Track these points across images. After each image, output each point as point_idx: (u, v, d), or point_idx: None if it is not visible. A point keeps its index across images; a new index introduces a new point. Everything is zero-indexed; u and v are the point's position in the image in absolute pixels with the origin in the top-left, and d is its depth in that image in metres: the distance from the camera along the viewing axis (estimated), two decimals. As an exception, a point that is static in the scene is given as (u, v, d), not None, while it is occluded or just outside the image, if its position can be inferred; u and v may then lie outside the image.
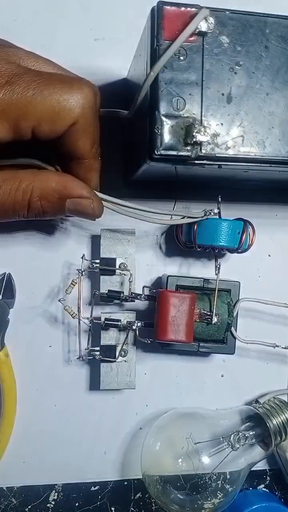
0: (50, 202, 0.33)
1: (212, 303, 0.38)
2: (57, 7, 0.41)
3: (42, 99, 0.29)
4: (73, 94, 0.30)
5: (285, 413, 0.40)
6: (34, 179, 0.33)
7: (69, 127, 0.30)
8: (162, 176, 0.35)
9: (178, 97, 0.29)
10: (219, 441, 0.39)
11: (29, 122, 0.29)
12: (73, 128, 0.30)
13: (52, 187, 0.33)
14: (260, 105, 0.30)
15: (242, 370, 0.45)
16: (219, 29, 0.29)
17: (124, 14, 0.41)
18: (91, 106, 0.31)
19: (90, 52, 0.41)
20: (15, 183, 0.32)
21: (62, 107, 0.30)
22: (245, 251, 0.40)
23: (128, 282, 0.38)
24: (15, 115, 0.29)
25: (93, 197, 0.34)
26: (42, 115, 0.29)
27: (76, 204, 0.33)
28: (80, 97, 0.30)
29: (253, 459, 0.40)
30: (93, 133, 0.32)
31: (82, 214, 0.34)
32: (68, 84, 0.30)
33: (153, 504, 0.44)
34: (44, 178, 0.33)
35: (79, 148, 0.32)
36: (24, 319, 0.41)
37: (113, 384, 0.39)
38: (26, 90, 0.29)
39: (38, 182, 0.32)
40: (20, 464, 0.41)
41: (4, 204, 0.32)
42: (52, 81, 0.30)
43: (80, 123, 0.30)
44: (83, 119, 0.30)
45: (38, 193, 0.32)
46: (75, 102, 0.30)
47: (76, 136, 0.31)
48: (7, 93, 0.29)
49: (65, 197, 0.33)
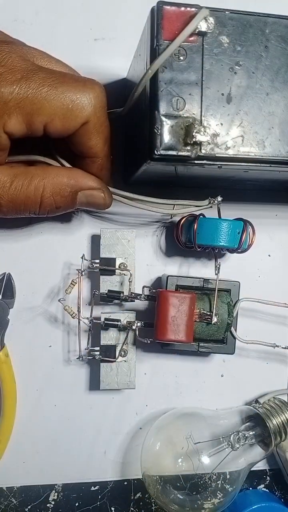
0: (63, 197, 0.34)
1: (212, 303, 0.38)
2: (57, 7, 0.41)
3: (57, 96, 0.30)
4: (86, 93, 0.31)
5: (285, 413, 0.40)
6: (45, 174, 0.33)
7: (81, 125, 0.31)
8: (162, 176, 0.35)
9: (178, 97, 0.29)
10: (219, 441, 0.39)
11: (42, 118, 0.30)
12: (85, 127, 0.31)
13: (64, 182, 0.33)
14: (260, 105, 0.30)
15: (242, 370, 0.45)
16: (219, 29, 0.29)
17: (124, 14, 0.41)
18: (102, 106, 0.32)
19: (90, 52, 0.41)
20: (26, 179, 0.33)
21: (75, 105, 0.30)
22: (245, 251, 0.40)
23: (128, 282, 0.38)
24: (30, 110, 0.30)
25: (103, 187, 0.35)
26: (56, 112, 0.30)
27: (88, 196, 0.34)
28: (92, 97, 0.31)
29: (253, 459, 0.40)
30: (104, 132, 0.33)
31: (94, 205, 0.35)
32: (81, 83, 0.31)
33: (153, 504, 0.44)
34: (55, 173, 0.33)
35: (91, 147, 0.33)
36: (24, 319, 0.41)
37: (113, 384, 0.39)
38: (41, 86, 0.30)
39: (50, 178, 0.33)
40: (20, 464, 0.41)
41: (16, 200, 0.33)
42: (66, 80, 0.31)
43: (92, 122, 0.31)
44: (95, 118, 0.31)
45: (50, 188, 0.33)
46: (88, 101, 0.31)
47: (88, 135, 0.32)
48: (23, 88, 0.29)
49: (77, 190, 0.34)
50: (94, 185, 0.35)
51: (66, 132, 0.31)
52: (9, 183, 0.32)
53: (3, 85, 0.29)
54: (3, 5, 0.40)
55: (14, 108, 0.29)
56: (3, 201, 0.33)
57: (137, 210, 0.41)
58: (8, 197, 0.33)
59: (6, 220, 0.40)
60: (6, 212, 0.34)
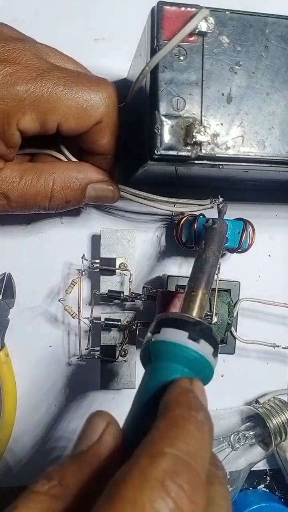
0: (73, 190, 0.34)
1: (212, 303, 0.38)
2: (57, 7, 0.41)
3: (72, 95, 0.30)
4: (100, 93, 0.31)
5: (285, 413, 0.40)
6: (54, 169, 0.33)
7: (94, 124, 0.31)
8: (162, 176, 0.35)
9: (178, 97, 0.29)
10: (219, 441, 0.39)
11: (57, 117, 0.30)
12: (98, 126, 0.32)
13: (73, 175, 0.34)
14: (260, 105, 0.30)
15: (242, 370, 0.45)
16: (219, 29, 0.29)
17: (124, 14, 0.41)
18: (115, 105, 0.32)
19: (90, 52, 0.41)
20: (36, 173, 0.33)
21: (89, 104, 0.31)
22: (245, 251, 0.40)
23: (128, 282, 0.38)
24: (44, 109, 0.30)
25: (111, 180, 0.36)
26: (70, 111, 0.30)
27: (98, 189, 0.35)
28: (106, 96, 0.31)
29: (253, 459, 0.40)
30: (116, 131, 0.33)
31: (102, 198, 0.36)
32: (95, 83, 0.31)
33: (153, 504, 0.44)
34: (64, 167, 0.34)
35: (103, 145, 0.33)
36: (24, 319, 0.41)
37: (113, 384, 0.39)
38: (57, 86, 0.30)
39: (59, 172, 0.33)
40: (20, 464, 0.41)
41: (26, 194, 0.33)
42: (80, 79, 0.31)
43: (106, 121, 0.32)
44: (108, 118, 0.32)
45: (60, 182, 0.33)
46: (102, 101, 0.31)
47: (101, 134, 0.32)
48: (38, 87, 0.29)
49: (86, 183, 0.34)
50: (103, 178, 0.35)
51: (79, 131, 0.32)
52: (19, 178, 0.33)
53: (18, 83, 0.29)
54: (3, 5, 0.40)
55: (28, 107, 0.29)
56: (13, 196, 0.33)
57: (138, 210, 0.41)
58: (18, 192, 0.33)
59: (6, 220, 0.40)
60: (16, 207, 0.34)
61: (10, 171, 0.32)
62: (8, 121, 0.30)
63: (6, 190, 0.32)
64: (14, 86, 0.29)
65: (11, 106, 0.29)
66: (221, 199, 0.38)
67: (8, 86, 0.29)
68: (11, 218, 0.40)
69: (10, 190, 0.32)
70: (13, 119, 0.29)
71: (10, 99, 0.29)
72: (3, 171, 0.32)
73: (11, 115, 0.29)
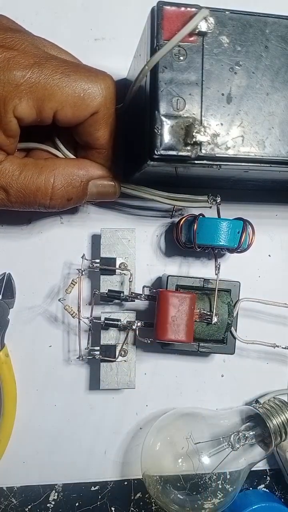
0: (74, 187, 0.34)
1: (212, 303, 0.38)
2: (57, 7, 0.41)
3: (69, 83, 0.30)
4: (98, 83, 0.31)
5: (285, 413, 0.40)
6: (55, 165, 0.33)
7: (91, 115, 0.31)
8: (162, 176, 0.35)
9: (178, 97, 0.29)
10: (219, 441, 0.39)
11: (53, 104, 0.30)
12: (94, 117, 0.32)
13: (74, 172, 0.34)
14: (260, 105, 0.30)
15: (242, 370, 0.45)
16: (219, 29, 0.29)
17: (124, 14, 0.41)
18: (112, 98, 0.32)
19: (90, 52, 0.41)
20: (36, 169, 0.33)
21: (87, 94, 0.31)
22: (245, 250, 0.40)
23: (128, 282, 0.38)
24: (41, 96, 0.30)
25: (112, 175, 0.35)
26: (67, 99, 0.30)
27: (99, 185, 0.35)
28: (104, 87, 0.31)
29: (253, 459, 0.40)
30: (112, 124, 0.33)
31: (104, 194, 0.36)
32: (93, 73, 0.31)
33: (153, 504, 0.44)
34: (65, 164, 0.34)
35: (98, 138, 0.33)
36: (24, 319, 0.41)
37: (113, 384, 0.39)
38: (54, 73, 0.30)
39: (60, 168, 0.33)
40: (20, 464, 0.41)
41: (26, 189, 0.32)
42: (79, 69, 0.31)
43: (102, 113, 0.32)
44: (104, 109, 0.32)
45: (61, 178, 0.33)
46: (99, 92, 0.31)
47: (96, 125, 0.32)
48: (35, 73, 0.29)
49: (88, 179, 0.34)
50: (104, 173, 0.35)
51: (76, 121, 0.31)
52: (18, 172, 0.32)
53: (15, 68, 0.29)
54: (3, 5, 0.40)
55: (25, 92, 0.29)
56: (12, 190, 0.32)
57: (138, 210, 0.41)
58: (18, 186, 0.32)
59: (6, 219, 0.40)
60: (14, 202, 0.33)
61: (10, 164, 0.32)
62: (5, 107, 0.29)
63: (5, 184, 0.32)
64: (11, 71, 0.29)
65: (7, 91, 0.29)
66: (219, 199, 0.38)
67: (5, 70, 0.29)
68: (11, 217, 0.40)
69: (9, 184, 0.32)
70: (9, 105, 0.29)
71: (6, 84, 0.29)
72: (3, 164, 0.32)
73: (7, 100, 0.29)
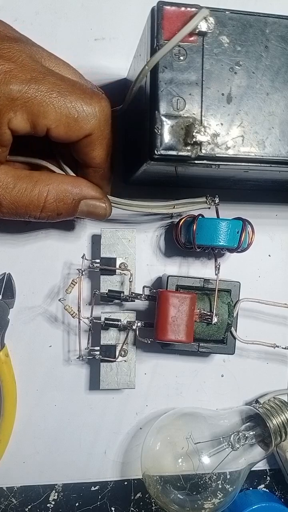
0: (66, 204, 0.34)
1: (212, 303, 0.38)
2: (57, 7, 0.41)
3: (64, 104, 0.30)
4: (92, 106, 0.31)
5: (285, 413, 0.40)
6: (50, 180, 0.33)
7: (85, 136, 0.31)
8: (162, 176, 0.35)
9: (178, 97, 0.29)
10: (219, 441, 0.39)
11: (47, 122, 0.30)
12: (88, 138, 0.32)
13: (68, 189, 0.34)
14: (260, 105, 0.30)
15: (242, 370, 0.45)
16: (219, 29, 0.29)
17: (124, 14, 0.41)
18: (107, 120, 0.32)
19: (90, 52, 0.41)
20: (31, 182, 0.33)
21: (81, 116, 0.31)
22: (245, 250, 0.40)
23: (128, 282, 0.38)
24: (36, 111, 0.30)
25: (105, 197, 0.36)
26: (61, 119, 0.30)
27: (90, 205, 0.35)
28: (98, 110, 0.31)
29: (253, 459, 0.40)
30: (107, 145, 0.33)
31: (94, 215, 0.36)
32: (89, 95, 0.31)
33: (153, 504, 0.44)
34: (60, 180, 0.34)
35: (94, 158, 0.33)
36: (24, 319, 0.41)
37: (113, 384, 0.39)
38: (51, 91, 0.30)
39: (54, 184, 0.33)
40: (20, 464, 0.41)
41: (19, 202, 0.33)
42: (75, 89, 0.31)
43: (96, 135, 0.32)
44: (98, 131, 0.32)
45: (54, 194, 0.33)
46: (94, 114, 0.31)
47: (91, 146, 0.32)
48: (32, 89, 0.29)
49: (80, 198, 0.35)
50: (97, 195, 0.35)
51: (68, 140, 0.32)
52: (12, 185, 0.32)
53: (12, 82, 0.29)
54: (3, 5, 0.40)
55: (20, 107, 0.29)
56: (5, 202, 0.32)
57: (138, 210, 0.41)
58: (11, 199, 0.32)
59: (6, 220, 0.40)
60: (6, 213, 0.34)
61: (4, 176, 0.32)
62: (0, 119, 0.29)
63: None
64: (8, 85, 0.29)
65: (2, 105, 0.29)
66: (217, 199, 0.38)
67: (1, 84, 0.29)
68: (11, 218, 0.40)
69: (2, 196, 0.32)
70: (4, 118, 0.29)
71: (2, 97, 0.29)
72: None
73: (2, 113, 0.29)
